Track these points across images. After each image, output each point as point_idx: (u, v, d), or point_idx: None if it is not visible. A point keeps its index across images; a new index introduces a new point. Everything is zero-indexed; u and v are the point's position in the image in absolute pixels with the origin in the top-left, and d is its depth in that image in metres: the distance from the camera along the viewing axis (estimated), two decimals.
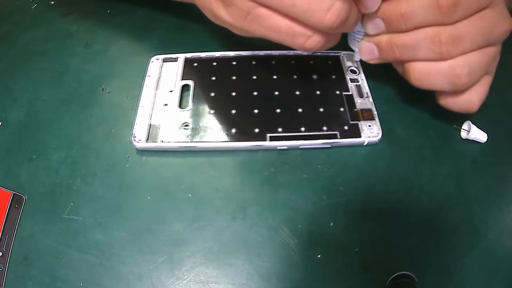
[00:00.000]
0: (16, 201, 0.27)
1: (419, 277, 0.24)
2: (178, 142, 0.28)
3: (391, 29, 0.24)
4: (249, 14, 0.22)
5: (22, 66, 0.35)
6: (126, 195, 0.27)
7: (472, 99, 0.25)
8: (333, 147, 0.29)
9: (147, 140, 0.28)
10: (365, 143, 0.29)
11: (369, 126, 0.29)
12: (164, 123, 0.29)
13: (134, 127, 0.29)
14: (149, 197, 0.27)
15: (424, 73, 0.24)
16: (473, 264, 0.25)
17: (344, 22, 0.22)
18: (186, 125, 0.29)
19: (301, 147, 0.28)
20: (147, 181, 0.28)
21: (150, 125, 0.29)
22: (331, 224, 0.26)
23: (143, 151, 0.29)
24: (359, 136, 0.28)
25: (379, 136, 0.28)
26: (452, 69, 0.23)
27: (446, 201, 0.27)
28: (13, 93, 0.33)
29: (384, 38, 0.25)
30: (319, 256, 0.25)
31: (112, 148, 0.29)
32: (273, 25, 0.22)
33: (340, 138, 0.28)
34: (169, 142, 0.28)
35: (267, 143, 0.28)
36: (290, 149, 0.29)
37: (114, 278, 0.24)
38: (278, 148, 0.28)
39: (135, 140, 0.28)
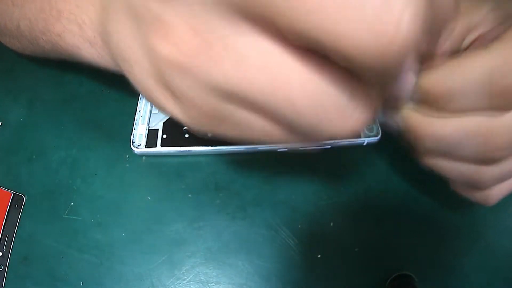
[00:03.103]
0: (16, 201, 0.27)
1: (419, 277, 0.24)
2: (177, 146, 0.28)
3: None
4: (218, 115, 0.13)
5: (22, 66, 0.35)
6: (126, 195, 0.27)
7: (492, 195, 0.20)
8: (333, 147, 0.29)
9: (146, 145, 0.28)
10: (364, 143, 0.29)
11: (369, 126, 0.29)
12: (162, 127, 0.29)
13: (133, 133, 0.28)
14: (149, 197, 0.27)
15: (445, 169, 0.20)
16: (473, 264, 0.25)
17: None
18: (185, 129, 0.29)
19: (300, 148, 0.28)
20: (147, 181, 0.28)
21: (149, 130, 0.29)
22: (331, 224, 0.26)
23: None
24: (359, 136, 0.28)
25: (379, 136, 0.28)
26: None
27: (446, 201, 0.27)
28: (13, 93, 0.33)
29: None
30: (319, 256, 0.25)
31: (112, 148, 0.29)
32: (255, 127, 0.13)
33: (340, 139, 0.28)
34: (168, 146, 0.28)
35: (266, 145, 0.28)
36: (289, 150, 0.29)
37: (114, 278, 0.24)
38: (278, 150, 0.28)
39: (134, 146, 0.28)
